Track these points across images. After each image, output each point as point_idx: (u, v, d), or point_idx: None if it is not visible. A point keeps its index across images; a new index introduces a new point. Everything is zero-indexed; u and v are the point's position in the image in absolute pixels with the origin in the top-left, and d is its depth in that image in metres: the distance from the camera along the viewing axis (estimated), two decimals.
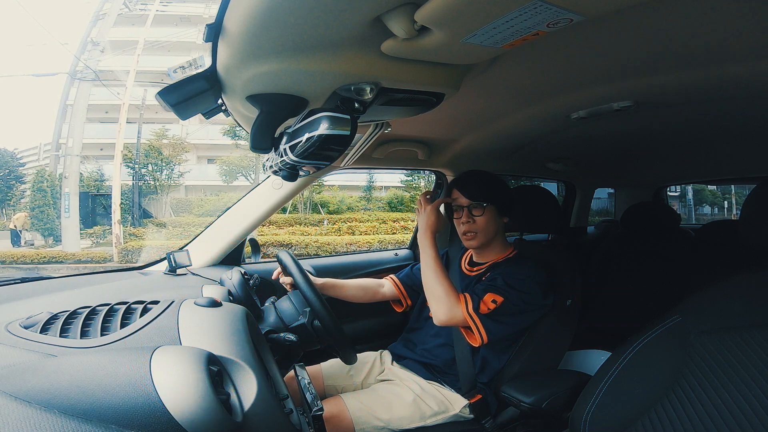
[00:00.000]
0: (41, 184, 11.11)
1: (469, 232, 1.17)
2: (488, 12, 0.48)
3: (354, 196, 13.15)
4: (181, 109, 0.69)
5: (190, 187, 13.22)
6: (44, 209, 10.85)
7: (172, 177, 11.95)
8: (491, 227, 1.17)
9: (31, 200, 11.08)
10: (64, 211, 9.69)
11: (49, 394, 0.42)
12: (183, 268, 1.25)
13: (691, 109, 1.04)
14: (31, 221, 10.94)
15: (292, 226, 10.78)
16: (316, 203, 12.00)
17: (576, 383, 1.06)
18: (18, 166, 13.48)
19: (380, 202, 13.02)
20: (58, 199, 10.77)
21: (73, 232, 9.71)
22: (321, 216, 11.53)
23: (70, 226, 9.68)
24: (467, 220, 1.16)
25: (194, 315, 0.64)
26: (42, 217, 10.86)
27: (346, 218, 11.45)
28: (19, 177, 13.16)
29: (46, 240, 10.87)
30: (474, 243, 1.18)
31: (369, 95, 0.69)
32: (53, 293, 0.93)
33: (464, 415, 1.12)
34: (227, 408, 0.48)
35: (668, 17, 0.60)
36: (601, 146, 1.60)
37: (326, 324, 0.94)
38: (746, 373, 0.67)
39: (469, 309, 1.02)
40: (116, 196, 9.84)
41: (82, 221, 10.29)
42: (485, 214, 1.16)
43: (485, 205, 1.15)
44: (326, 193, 12.37)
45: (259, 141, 0.75)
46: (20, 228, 10.89)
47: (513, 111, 1.09)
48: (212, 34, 0.58)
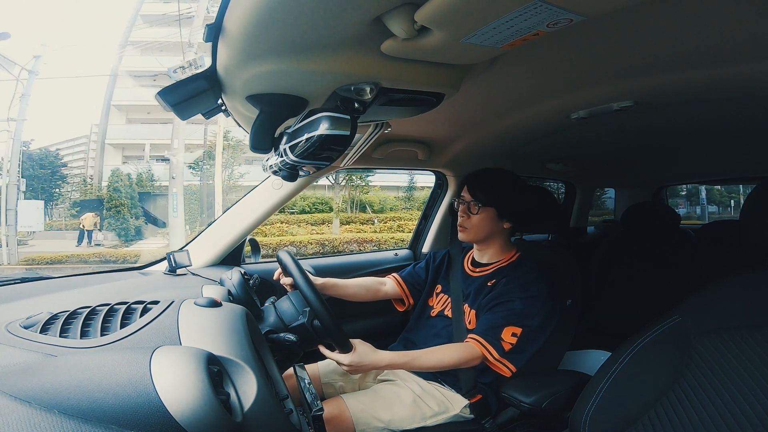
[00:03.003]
0: (117, 184, 11.28)
1: (461, 225, 1.22)
2: (488, 12, 0.48)
3: (390, 195, 13.45)
4: (181, 108, 0.69)
5: (247, 187, 13.24)
6: (120, 209, 11.03)
7: (233, 177, 12.03)
8: (484, 228, 1.19)
9: (108, 200, 11.24)
10: (172, 210, 9.74)
11: (49, 394, 0.42)
12: (183, 268, 1.25)
13: (691, 109, 1.05)
14: (106, 221, 11.09)
15: (347, 225, 11.14)
16: (364, 203, 12.17)
17: (576, 383, 1.06)
18: (60, 166, 13.74)
19: (417, 201, 13.18)
20: (132, 199, 11.10)
21: (180, 231, 9.79)
22: (368, 215, 11.73)
23: (177, 225, 9.81)
24: (463, 214, 1.21)
25: (194, 315, 0.64)
26: (118, 217, 11.03)
27: (391, 217, 11.76)
28: (63, 177, 13.52)
29: (120, 240, 11.01)
30: (463, 236, 1.23)
31: (369, 95, 0.69)
32: (53, 293, 0.93)
33: (464, 415, 1.12)
34: (227, 408, 0.48)
35: (668, 17, 0.60)
36: (601, 146, 1.60)
37: (326, 323, 0.94)
38: (746, 374, 0.67)
39: (495, 356, 1.04)
40: (218, 195, 10.13)
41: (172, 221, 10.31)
42: (480, 214, 1.18)
43: (480, 206, 1.17)
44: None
45: (259, 141, 0.75)
46: (89, 228, 11.03)
47: (513, 111, 1.09)
48: (212, 34, 0.58)
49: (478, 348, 1.05)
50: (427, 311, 1.30)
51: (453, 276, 1.29)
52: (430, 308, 1.29)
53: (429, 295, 1.33)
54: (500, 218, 1.19)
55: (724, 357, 0.71)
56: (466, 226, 1.20)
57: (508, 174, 1.23)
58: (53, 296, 0.91)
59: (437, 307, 1.27)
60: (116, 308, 0.64)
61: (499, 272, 1.19)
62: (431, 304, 1.31)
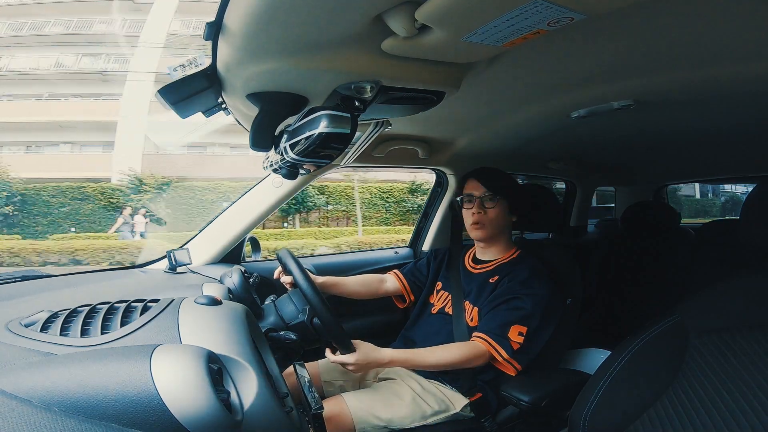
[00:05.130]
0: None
1: (477, 222, 1.18)
2: (489, 10, 0.48)
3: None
4: (182, 107, 0.69)
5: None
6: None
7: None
8: (500, 221, 1.19)
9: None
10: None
11: (50, 392, 0.42)
12: (183, 267, 1.24)
13: (692, 108, 1.04)
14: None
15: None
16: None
17: (575, 382, 1.06)
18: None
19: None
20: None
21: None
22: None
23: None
24: (478, 210, 1.18)
25: (194, 313, 0.64)
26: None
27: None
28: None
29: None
30: (480, 234, 1.19)
31: (369, 94, 0.69)
32: (53, 291, 0.93)
33: (464, 414, 1.12)
34: (227, 406, 0.48)
35: (669, 16, 0.60)
36: (602, 145, 1.60)
37: (326, 322, 0.94)
38: (745, 373, 0.67)
39: (505, 356, 1.04)
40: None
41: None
42: (497, 207, 1.17)
43: (498, 197, 1.16)
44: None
45: (260, 139, 0.75)
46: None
47: (513, 110, 1.09)
48: (212, 32, 0.57)
49: (485, 347, 1.05)
50: (427, 309, 1.30)
51: (454, 273, 1.29)
52: (431, 305, 1.29)
53: (429, 293, 1.33)
54: (511, 211, 1.19)
55: (724, 357, 0.71)
56: (483, 222, 1.18)
57: (504, 171, 1.25)
58: (54, 294, 0.91)
59: (438, 304, 1.27)
60: (116, 306, 0.64)
61: (501, 269, 1.19)
62: (432, 301, 1.31)
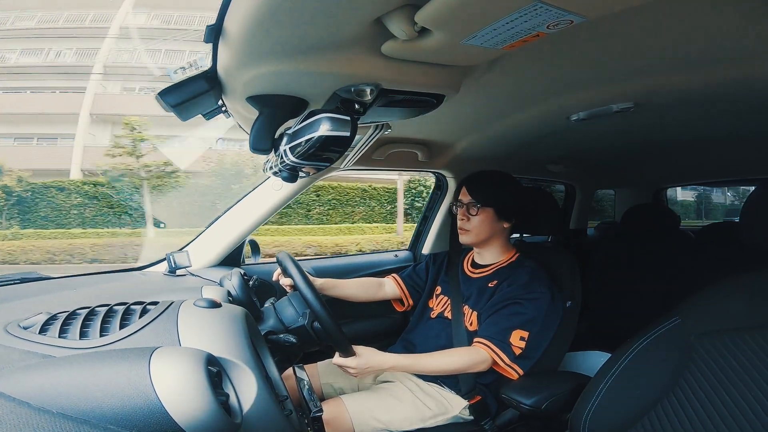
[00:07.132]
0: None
1: (461, 228, 1.22)
2: (488, 13, 0.48)
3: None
4: (182, 110, 0.69)
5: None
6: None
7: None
8: (484, 229, 1.19)
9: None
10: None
11: (48, 394, 0.42)
12: (182, 269, 1.24)
13: (691, 110, 1.05)
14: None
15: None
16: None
17: (576, 385, 1.05)
18: None
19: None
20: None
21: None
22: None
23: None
24: (463, 216, 1.21)
25: (194, 316, 0.64)
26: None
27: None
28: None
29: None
30: (465, 239, 1.22)
31: (369, 96, 0.69)
32: (52, 293, 0.93)
33: (464, 417, 1.12)
34: (226, 409, 0.48)
35: (668, 19, 0.61)
36: (601, 148, 1.60)
37: (325, 325, 0.93)
38: (746, 375, 0.67)
39: (507, 361, 1.05)
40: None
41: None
42: (479, 215, 1.18)
43: (479, 206, 1.17)
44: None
45: (259, 142, 0.75)
46: None
47: (513, 112, 1.09)
48: (212, 35, 0.58)
49: (487, 353, 1.05)
50: (427, 313, 1.30)
51: (453, 277, 1.29)
52: (430, 310, 1.29)
53: (429, 297, 1.33)
54: (499, 218, 1.19)
55: (724, 358, 0.71)
56: (467, 228, 1.20)
57: (504, 174, 1.24)
58: (52, 296, 0.90)
59: (437, 308, 1.27)
60: (115, 309, 0.64)
61: (500, 273, 1.19)
62: (431, 305, 1.30)
